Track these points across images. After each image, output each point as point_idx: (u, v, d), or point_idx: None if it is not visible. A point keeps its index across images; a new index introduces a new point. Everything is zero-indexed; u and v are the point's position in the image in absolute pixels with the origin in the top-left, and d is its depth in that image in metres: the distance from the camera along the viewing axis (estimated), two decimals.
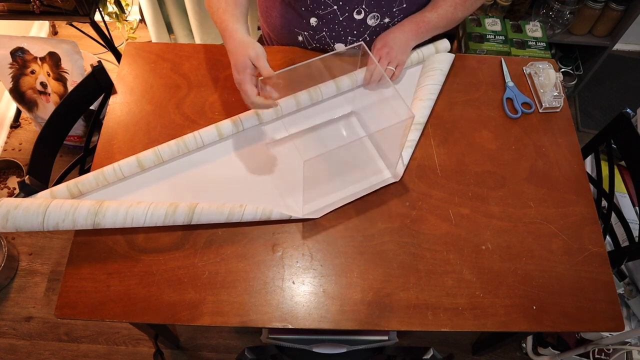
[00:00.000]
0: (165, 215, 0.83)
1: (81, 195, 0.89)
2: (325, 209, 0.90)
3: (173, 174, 0.94)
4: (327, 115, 1.02)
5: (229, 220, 0.86)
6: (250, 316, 0.81)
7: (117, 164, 0.90)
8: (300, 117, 1.02)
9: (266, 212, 0.87)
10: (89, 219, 0.79)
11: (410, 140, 0.97)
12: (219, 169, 0.95)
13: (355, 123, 1.02)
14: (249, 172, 0.95)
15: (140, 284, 0.83)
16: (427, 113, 1.01)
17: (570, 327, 0.83)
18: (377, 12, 1.00)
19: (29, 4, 1.38)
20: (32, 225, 0.77)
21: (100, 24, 1.52)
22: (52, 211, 0.78)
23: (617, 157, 1.11)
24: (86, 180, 0.88)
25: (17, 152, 1.87)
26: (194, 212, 0.84)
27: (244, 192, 0.92)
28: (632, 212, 1.37)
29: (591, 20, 1.77)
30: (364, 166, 0.97)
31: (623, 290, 1.30)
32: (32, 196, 0.86)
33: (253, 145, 0.98)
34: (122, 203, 0.82)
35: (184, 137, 0.94)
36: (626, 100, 2.11)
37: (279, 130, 1.00)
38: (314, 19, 1.03)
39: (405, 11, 1.02)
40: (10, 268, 1.57)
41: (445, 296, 0.84)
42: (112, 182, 0.91)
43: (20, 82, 1.61)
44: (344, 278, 0.85)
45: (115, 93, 1.05)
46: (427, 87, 1.03)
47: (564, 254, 0.89)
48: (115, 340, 1.50)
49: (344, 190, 0.93)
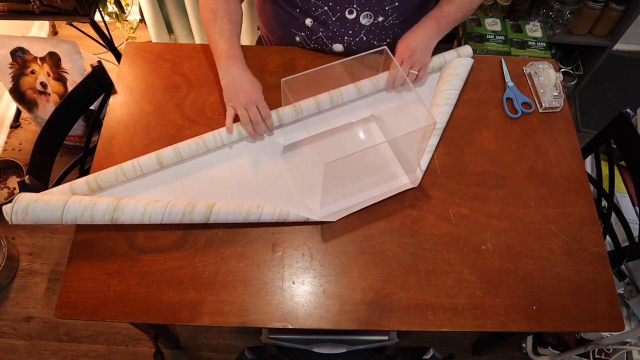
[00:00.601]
0: (183, 213, 0.83)
1: (100, 190, 0.90)
2: (343, 212, 0.90)
3: (192, 172, 0.94)
4: (347, 118, 1.02)
5: (246, 220, 0.87)
6: (250, 316, 0.81)
7: (137, 160, 0.90)
8: (320, 119, 1.02)
9: (283, 214, 0.87)
10: (107, 215, 0.81)
11: (429, 145, 0.97)
12: (237, 168, 0.95)
13: (374, 127, 1.02)
14: (267, 173, 0.95)
15: (140, 284, 0.83)
16: (446, 119, 1.01)
17: (570, 327, 0.83)
18: (369, 11, 1.00)
19: (29, 4, 1.38)
20: (51, 219, 0.79)
21: (100, 24, 1.52)
22: (71, 206, 0.79)
23: (617, 157, 1.11)
24: (105, 175, 0.89)
25: (17, 152, 1.87)
26: (212, 212, 0.84)
27: (262, 192, 0.92)
28: (632, 212, 1.37)
29: (591, 20, 1.77)
30: (382, 170, 0.96)
31: (623, 290, 1.30)
32: (50, 190, 0.87)
33: (272, 145, 0.98)
34: (140, 200, 0.83)
35: (203, 135, 0.94)
36: (626, 100, 2.11)
37: (298, 132, 1.00)
38: (309, 19, 1.03)
39: (399, 9, 1.01)
40: (10, 268, 1.57)
41: (445, 296, 0.84)
42: (131, 178, 0.91)
43: (20, 82, 1.61)
44: (344, 278, 0.85)
45: (115, 93, 1.05)
46: (445, 93, 1.03)
47: (564, 254, 0.89)
48: (115, 340, 1.50)
49: (361, 194, 0.93)
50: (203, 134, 0.95)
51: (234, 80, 0.95)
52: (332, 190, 0.90)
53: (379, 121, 1.02)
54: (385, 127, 1.01)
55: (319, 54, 1.11)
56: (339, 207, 0.91)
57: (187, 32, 2.01)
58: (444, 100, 1.02)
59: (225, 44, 0.97)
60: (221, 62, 0.96)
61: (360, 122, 1.02)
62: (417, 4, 1.03)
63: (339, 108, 1.03)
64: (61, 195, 0.83)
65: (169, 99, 1.04)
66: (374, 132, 1.01)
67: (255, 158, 0.97)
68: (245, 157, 0.97)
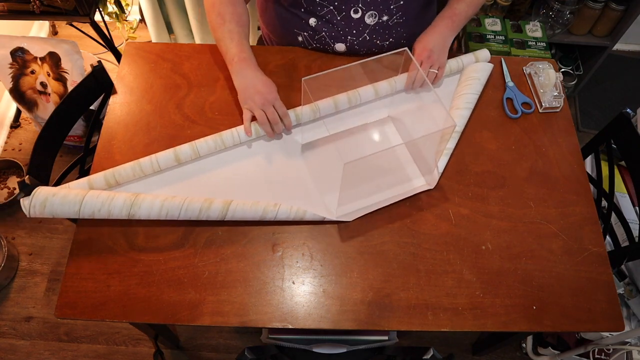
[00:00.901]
0: (200, 210, 0.84)
1: (117, 185, 0.91)
2: (359, 212, 0.90)
3: (209, 170, 0.95)
4: (364, 119, 1.02)
5: (263, 219, 0.87)
6: (250, 316, 0.81)
7: (155, 156, 0.91)
8: (338, 119, 1.02)
9: (300, 213, 0.87)
10: (124, 210, 0.82)
11: (447, 148, 0.97)
12: (254, 166, 0.96)
13: (391, 128, 1.02)
14: (283, 171, 0.95)
15: (140, 284, 0.83)
16: (464, 122, 1.01)
17: (570, 327, 0.83)
18: (374, 10, 1.00)
19: (29, 4, 1.38)
20: (68, 213, 0.81)
21: (100, 24, 1.52)
22: (88, 201, 0.81)
23: (617, 157, 1.11)
24: (123, 170, 0.90)
25: (17, 152, 1.87)
26: (228, 209, 0.85)
27: (278, 190, 0.92)
28: (632, 212, 1.37)
29: (591, 20, 1.77)
30: (398, 171, 0.96)
31: (623, 290, 1.30)
32: (67, 184, 0.88)
33: (289, 144, 0.99)
34: (158, 196, 0.84)
35: (221, 133, 0.95)
36: (626, 100, 2.11)
37: (315, 131, 1.00)
38: (313, 19, 1.03)
39: (404, 8, 1.01)
40: (10, 268, 1.57)
41: (445, 296, 0.84)
42: (148, 174, 0.92)
43: (20, 82, 1.61)
44: (344, 278, 0.85)
45: (115, 93, 1.05)
46: (464, 96, 1.03)
47: (564, 254, 0.89)
48: (115, 340, 1.50)
49: (378, 195, 0.93)
50: (221, 131, 0.96)
51: (248, 83, 0.95)
52: (349, 189, 0.90)
53: (396, 122, 1.02)
54: (403, 128, 1.01)
55: (321, 53, 1.11)
56: (355, 207, 0.91)
57: (187, 32, 2.01)
58: (463, 103, 1.02)
59: (235, 47, 0.97)
60: (234, 66, 0.97)
61: (377, 123, 1.02)
62: (422, 3, 1.04)
63: (357, 108, 1.04)
64: (79, 189, 0.84)
65: (169, 99, 1.04)
66: (390, 133, 1.01)
67: (272, 156, 0.97)
68: (263, 155, 0.97)
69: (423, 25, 1.06)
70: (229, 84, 1.06)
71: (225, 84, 1.06)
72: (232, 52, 0.97)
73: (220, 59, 1.10)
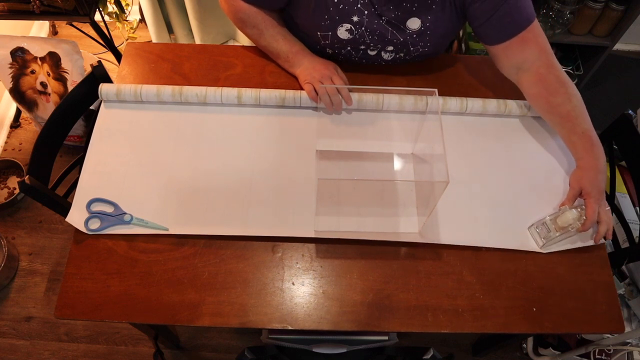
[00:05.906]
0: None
1: (179, 103, 1.01)
2: (336, 234, 0.88)
3: (247, 113, 1.01)
4: (386, 147, 0.99)
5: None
6: (249, 317, 0.81)
7: (220, 89, 0.99)
8: (362, 140, 0.99)
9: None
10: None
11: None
12: (277, 136, 0.99)
13: (408, 165, 0.97)
14: (293, 168, 0.95)
15: (140, 284, 0.83)
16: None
17: (570, 329, 0.83)
18: (393, 52, 1.02)
19: (29, 4, 1.38)
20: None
21: (100, 24, 1.52)
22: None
23: (618, 157, 1.11)
24: (190, 91, 0.99)
25: (17, 152, 1.87)
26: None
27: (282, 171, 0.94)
28: (632, 213, 1.37)
29: (591, 20, 1.77)
30: (390, 207, 0.93)
31: (624, 290, 1.30)
32: (136, 85, 1.00)
33: (308, 144, 0.98)
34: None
35: (286, 90, 1.00)
36: (626, 100, 2.11)
37: (334, 143, 0.99)
38: (330, 49, 1.05)
39: (426, 54, 1.01)
40: (10, 268, 1.57)
41: (445, 297, 0.84)
42: (210, 102, 1.00)
43: (20, 82, 1.61)
44: (344, 279, 0.85)
45: None
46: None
47: (564, 255, 0.89)
48: (115, 340, 1.50)
49: (360, 223, 0.90)
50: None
51: (307, 66, 1.01)
52: (328, 205, 0.89)
53: (416, 160, 0.98)
54: (422, 168, 0.95)
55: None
56: (334, 227, 0.89)
57: (187, 32, 2.01)
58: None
59: (284, 45, 1.01)
60: (289, 60, 1.02)
61: (398, 156, 0.98)
62: (440, 41, 1.00)
63: (385, 141, 1.00)
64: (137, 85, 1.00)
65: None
66: (405, 169, 0.97)
67: (293, 142, 0.98)
68: (290, 134, 0.99)
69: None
70: (228, 84, 1.06)
71: (225, 84, 1.06)
72: (283, 51, 1.01)
73: (220, 59, 1.10)
